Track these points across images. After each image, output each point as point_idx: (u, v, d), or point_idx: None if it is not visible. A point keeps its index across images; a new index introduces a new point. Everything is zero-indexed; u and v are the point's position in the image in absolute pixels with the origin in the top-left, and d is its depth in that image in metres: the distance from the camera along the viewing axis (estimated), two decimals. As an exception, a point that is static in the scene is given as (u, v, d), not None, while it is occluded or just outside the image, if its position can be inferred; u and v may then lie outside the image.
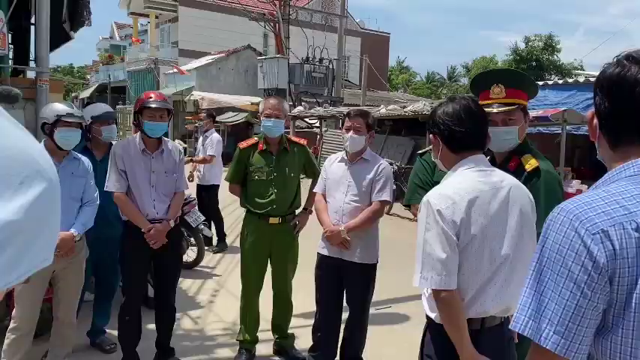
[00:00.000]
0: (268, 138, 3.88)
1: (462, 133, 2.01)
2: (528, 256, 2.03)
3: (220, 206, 7.47)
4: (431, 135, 2.12)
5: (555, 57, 38.10)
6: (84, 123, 3.60)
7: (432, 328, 2.07)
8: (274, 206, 3.82)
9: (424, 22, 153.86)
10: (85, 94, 32.50)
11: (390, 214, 10.42)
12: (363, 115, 3.65)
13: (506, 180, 2.05)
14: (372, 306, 4.83)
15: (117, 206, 3.76)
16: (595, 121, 1.19)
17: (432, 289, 1.94)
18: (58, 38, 6.24)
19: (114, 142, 4.09)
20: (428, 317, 2.09)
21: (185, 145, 23.54)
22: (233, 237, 7.57)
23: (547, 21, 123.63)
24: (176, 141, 23.12)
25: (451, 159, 2.06)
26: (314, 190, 3.85)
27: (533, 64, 36.93)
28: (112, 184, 3.56)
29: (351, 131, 3.54)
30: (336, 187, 3.61)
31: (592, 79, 9.90)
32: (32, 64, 4.86)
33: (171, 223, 3.61)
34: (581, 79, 11.17)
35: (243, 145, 3.95)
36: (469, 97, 2.17)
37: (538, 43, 38.22)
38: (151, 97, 3.62)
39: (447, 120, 2.02)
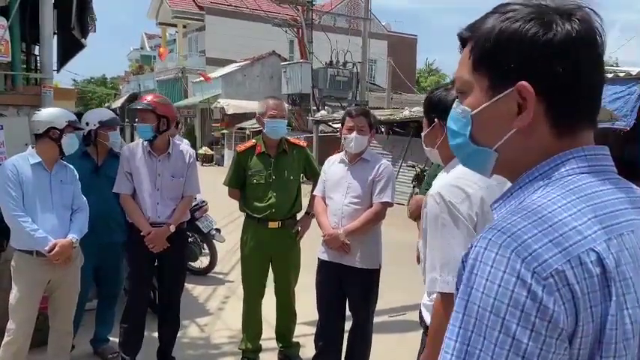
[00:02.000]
0: (268, 140, 3.77)
1: None
2: None
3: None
4: (435, 120, 1.90)
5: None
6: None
7: None
8: (273, 210, 3.69)
9: (452, 23, 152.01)
10: (117, 104, 33.14)
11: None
12: (365, 114, 3.50)
13: None
14: (385, 313, 4.67)
15: (117, 212, 3.73)
16: (533, 98, 0.81)
17: (448, 294, 1.71)
18: (74, 47, 6.31)
19: (114, 148, 4.05)
20: (427, 327, 1.89)
21: (212, 152, 23.78)
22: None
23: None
24: (203, 148, 23.29)
25: None
26: (313, 193, 3.70)
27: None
28: (117, 185, 3.60)
29: (355, 131, 3.39)
30: (336, 188, 3.45)
31: (621, 74, 9.49)
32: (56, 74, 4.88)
33: (172, 228, 3.54)
34: (610, 75, 10.78)
35: (241, 148, 3.85)
36: None
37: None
38: (142, 100, 3.59)
39: None
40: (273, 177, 3.69)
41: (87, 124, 3.88)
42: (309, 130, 16.06)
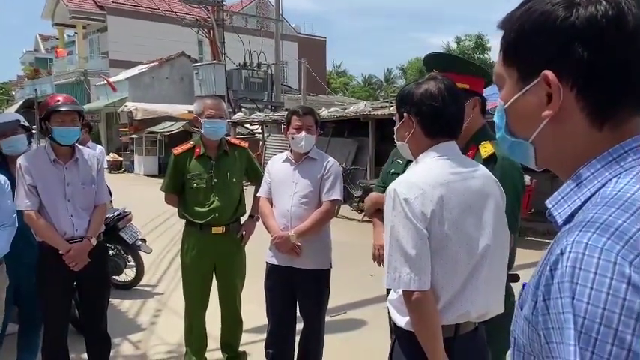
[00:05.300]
0: (207, 141, 3.59)
1: (445, 116, 1.80)
2: (503, 253, 1.84)
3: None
4: (404, 114, 1.85)
5: (486, 55, 39.32)
6: None
7: (401, 338, 1.82)
8: (216, 215, 3.51)
9: (357, 27, 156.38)
10: (11, 110, 30.76)
11: (339, 217, 10.26)
12: (312, 112, 3.44)
13: (480, 170, 1.85)
14: (326, 314, 4.60)
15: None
16: (559, 87, 0.77)
17: (403, 291, 1.70)
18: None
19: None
20: (395, 325, 1.85)
21: (121, 159, 22.64)
22: (174, 252, 7.15)
23: (476, 22, 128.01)
24: (111, 154, 22.10)
25: (423, 144, 1.82)
26: (258, 195, 3.57)
27: (466, 63, 37.93)
28: (21, 201, 3.13)
29: (303, 131, 3.30)
30: (283, 189, 3.34)
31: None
32: None
33: (93, 241, 3.23)
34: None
35: (177, 150, 3.63)
36: (449, 79, 1.95)
37: (469, 43, 39.40)
38: (58, 101, 3.22)
39: (430, 100, 1.79)
40: (215, 180, 3.51)
41: None
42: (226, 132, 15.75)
